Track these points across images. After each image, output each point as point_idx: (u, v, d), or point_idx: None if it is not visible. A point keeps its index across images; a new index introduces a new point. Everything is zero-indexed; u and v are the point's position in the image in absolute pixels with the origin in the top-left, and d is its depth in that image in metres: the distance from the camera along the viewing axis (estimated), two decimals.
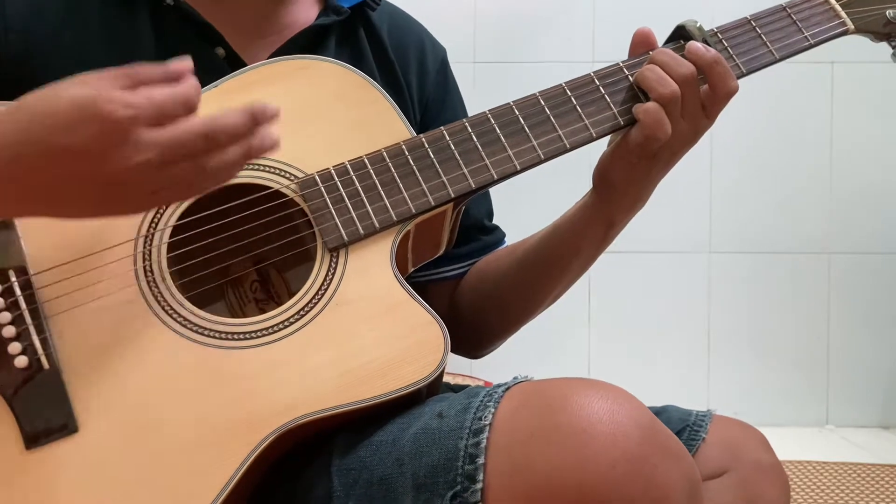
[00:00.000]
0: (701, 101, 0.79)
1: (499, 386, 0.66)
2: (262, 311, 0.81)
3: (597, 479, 0.57)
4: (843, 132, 2.21)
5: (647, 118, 0.77)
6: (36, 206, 0.60)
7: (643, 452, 0.58)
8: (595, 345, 2.22)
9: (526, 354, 2.00)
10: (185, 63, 0.60)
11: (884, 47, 0.89)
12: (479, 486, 0.60)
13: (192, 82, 0.59)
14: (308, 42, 0.86)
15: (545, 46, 2.18)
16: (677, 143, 0.79)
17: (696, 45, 0.79)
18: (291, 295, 0.73)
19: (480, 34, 2.17)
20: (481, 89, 1.74)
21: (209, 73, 0.80)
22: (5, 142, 0.56)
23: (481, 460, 0.60)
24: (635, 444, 0.58)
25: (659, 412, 0.84)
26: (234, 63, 0.83)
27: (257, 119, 0.60)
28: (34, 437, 0.66)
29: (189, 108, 0.58)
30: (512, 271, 0.91)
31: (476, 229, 0.96)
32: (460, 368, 1.97)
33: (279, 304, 0.81)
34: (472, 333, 0.94)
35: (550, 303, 0.93)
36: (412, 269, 0.85)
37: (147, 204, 0.63)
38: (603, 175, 0.83)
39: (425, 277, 0.94)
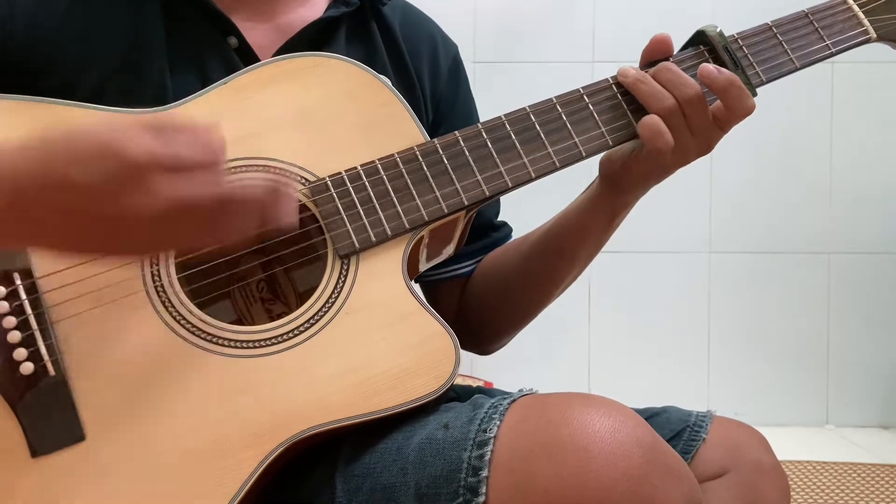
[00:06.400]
0: (714, 115, 0.77)
1: (504, 398, 0.65)
2: (269, 312, 0.81)
3: (596, 498, 0.56)
4: (843, 132, 2.21)
5: (644, 131, 0.76)
6: (42, 238, 0.59)
7: (644, 472, 0.57)
8: (595, 345, 2.22)
9: (526, 354, 2.00)
10: (214, 123, 0.59)
11: (883, 47, 0.88)
12: (482, 499, 0.59)
13: (217, 136, 0.58)
14: (317, 34, 0.85)
15: (545, 46, 2.17)
16: (692, 154, 0.79)
17: (708, 69, 0.77)
18: (298, 294, 0.71)
19: (480, 34, 2.17)
20: (481, 89, 1.73)
21: (221, 63, 0.79)
22: (22, 170, 0.55)
23: (485, 473, 0.59)
24: (636, 463, 0.57)
25: (659, 413, 0.84)
26: (245, 53, 0.82)
27: (279, 195, 0.59)
28: (40, 445, 0.65)
29: (211, 160, 0.57)
30: (520, 265, 0.91)
31: (487, 227, 0.96)
32: (461, 368, 1.97)
33: (286, 304, 0.80)
34: (482, 329, 0.95)
35: (558, 294, 0.93)
36: (422, 271, 0.84)
37: (148, 249, 0.62)
38: (611, 176, 0.83)
39: (435, 276, 0.93)
